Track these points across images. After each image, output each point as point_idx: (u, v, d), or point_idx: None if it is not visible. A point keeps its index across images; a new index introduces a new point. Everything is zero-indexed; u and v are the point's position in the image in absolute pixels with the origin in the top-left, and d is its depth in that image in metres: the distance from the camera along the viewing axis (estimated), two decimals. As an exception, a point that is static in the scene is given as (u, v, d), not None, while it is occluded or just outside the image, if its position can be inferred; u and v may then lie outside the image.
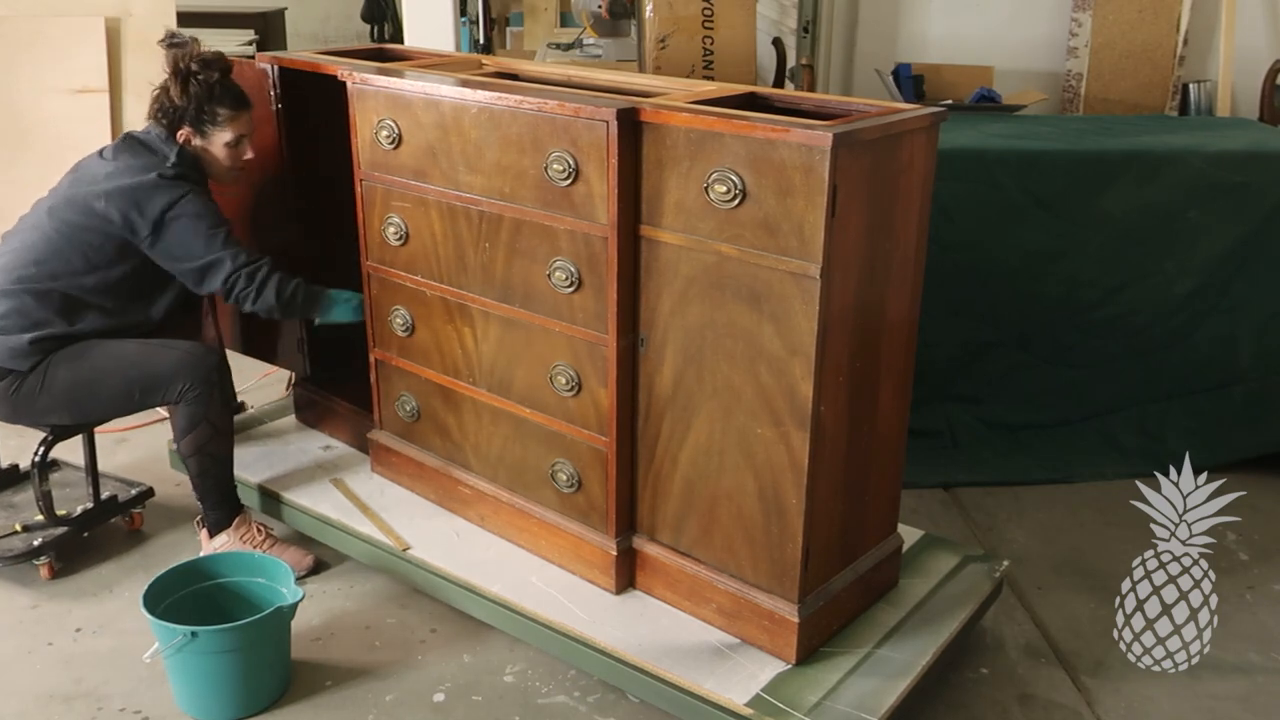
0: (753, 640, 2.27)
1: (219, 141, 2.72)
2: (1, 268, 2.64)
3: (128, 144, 2.71)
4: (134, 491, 3.02)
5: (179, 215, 2.61)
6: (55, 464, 3.14)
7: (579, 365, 2.35)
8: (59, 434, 2.74)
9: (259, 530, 2.81)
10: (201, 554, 2.77)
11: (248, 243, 3.16)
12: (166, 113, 2.70)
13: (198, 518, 2.87)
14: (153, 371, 2.63)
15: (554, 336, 2.38)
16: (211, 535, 2.80)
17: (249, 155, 2.80)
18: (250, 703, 2.35)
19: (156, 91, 2.72)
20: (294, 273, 2.75)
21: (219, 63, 2.72)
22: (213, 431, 2.68)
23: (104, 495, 2.94)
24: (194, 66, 2.67)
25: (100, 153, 2.73)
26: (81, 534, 2.89)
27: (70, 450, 2.96)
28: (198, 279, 2.66)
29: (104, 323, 2.66)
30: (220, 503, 2.78)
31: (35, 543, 2.78)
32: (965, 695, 2.43)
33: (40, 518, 2.85)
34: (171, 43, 2.71)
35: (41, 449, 2.74)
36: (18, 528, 2.84)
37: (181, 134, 2.70)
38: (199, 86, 2.67)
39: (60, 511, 2.85)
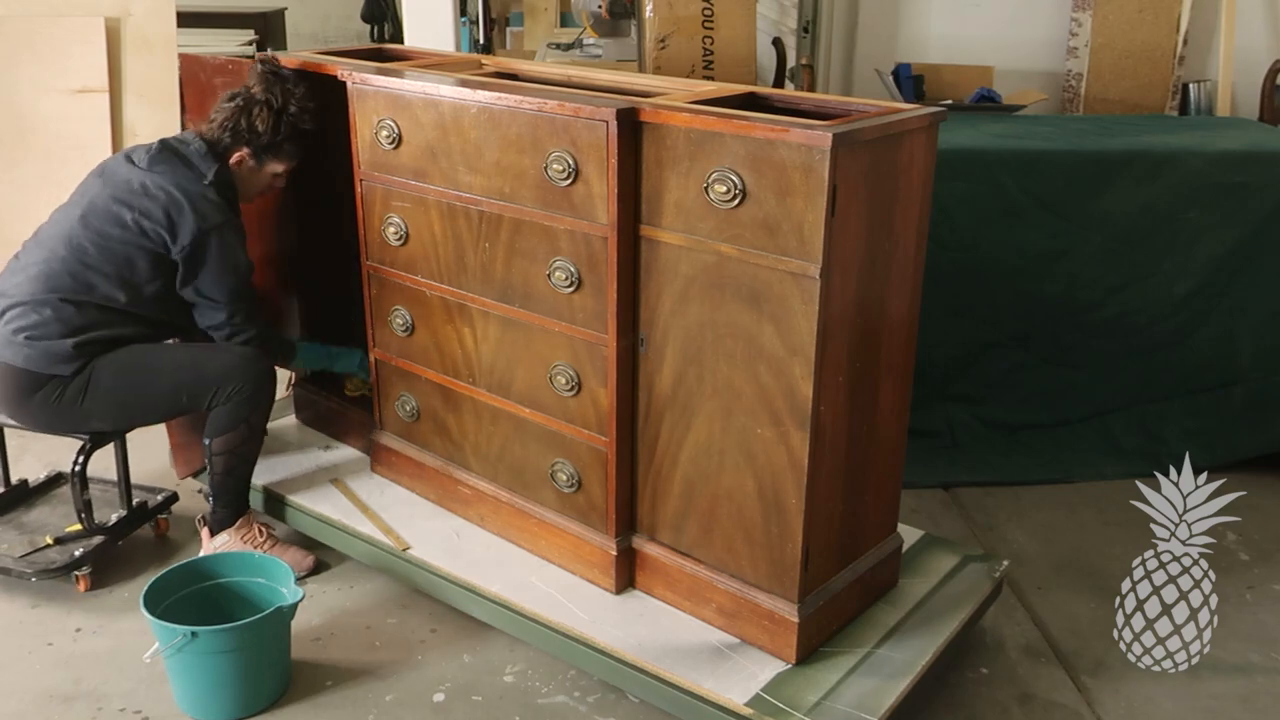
0: (753, 640, 2.27)
1: (270, 171, 2.76)
2: (35, 277, 2.57)
3: (164, 154, 2.65)
4: (160, 497, 3.00)
5: (212, 244, 2.59)
6: (60, 478, 3.12)
7: (579, 365, 2.35)
8: (97, 441, 2.69)
9: (260, 530, 2.81)
10: (202, 553, 2.78)
11: (250, 246, 3.17)
12: (235, 133, 2.66)
13: (199, 516, 2.87)
14: (204, 374, 2.62)
15: (554, 336, 2.38)
16: (213, 534, 2.79)
17: (280, 187, 2.86)
18: (250, 703, 2.35)
19: (230, 108, 2.67)
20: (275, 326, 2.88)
21: (308, 110, 2.72)
22: (249, 433, 2.69)
23: (134, 502, 2.91)
24: (293, 108, 2.68)
25: (130, 158, 2.66)
26: (116, 543, 2.86)
27: (65, 463, 2.94)
28: (195, 307, 2.67)
29: (146, 330, 2.65)
30: (232, 501, 2.78)
31: (76, 553, 2.74)
32: (965, 695, 2.43)
33: (73, 528, 2.82)
34: (274, 70, 2.70)
35: (80, 457, 2.68)
36: (49, 540, 2.80)
37: (236, 155, 2.68)
38: (288, 127, 2.69)
39: (96, 522, 2.81)
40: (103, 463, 3.25)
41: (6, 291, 2.61)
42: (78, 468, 2.68)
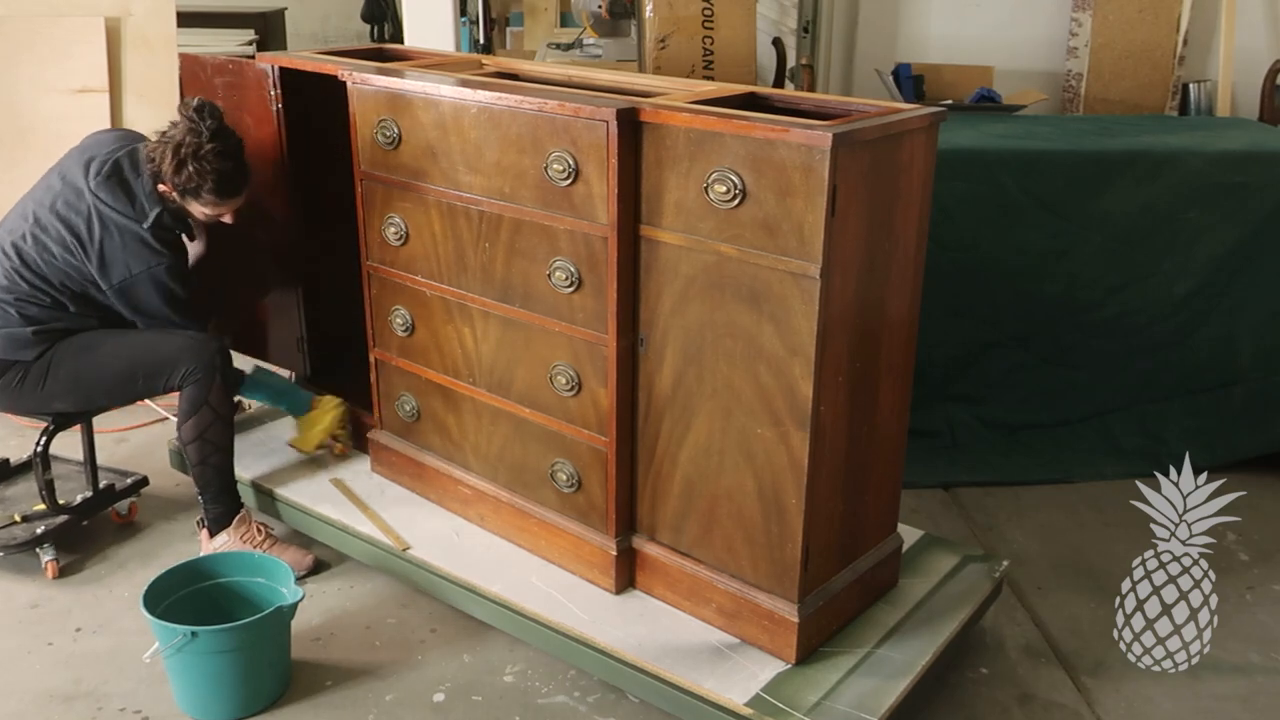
0: (753, 640, 2.27)
1: (195, 209, 2.66)
2: None
3: (113, 182, 2.63)
4: (129, 480, 3.04)
5: (145, 281, 2.63)
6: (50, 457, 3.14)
7: (579, 365, 2.35)
8: (60, 423, 2.77)
9: (259, 530, 2.80)
10: (201, 554, 2.77)
11: (251, 245, 3.17)
12: (156, 169, 2.60)
13: (198, 518, 2.87)
14: (156, 356, 2.67)
15: (554, 336, 2.38)
16: (212, 534, 2.80)
17: (227, 221, 2.73)
18: (250, 703, 2.35)
19: (158, 142, 2.61)
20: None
21: (226, 156, 2.59)
22: (214, 416, 2.69)
23: (102, 484, 2.96)
24: (191, 164, 2.55)
25: (88, 166, 2.65)
26: (81, 523, 2.92)
27: (63, 445, 2.97)
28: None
29: (107, 322, 2.71)
30: (220, 495, 2.77)
31: (38, 531, 2.80)
32: (965, 695, 2.43)
33: (39, 507, 2.86)
34: (190, 115, 2.58)
35: (43, 439, 2.77)
36: (16, 517, 2.85)
37: (163, 187, 2.62)
38: (191, 175, 2.56)
39: (59, 501, 2.87)
40: (105, 452, 3.25)
41: None
42: (39, 448, 2.77)
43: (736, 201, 2.03)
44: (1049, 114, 4.67)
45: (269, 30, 6.73)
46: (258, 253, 3.13)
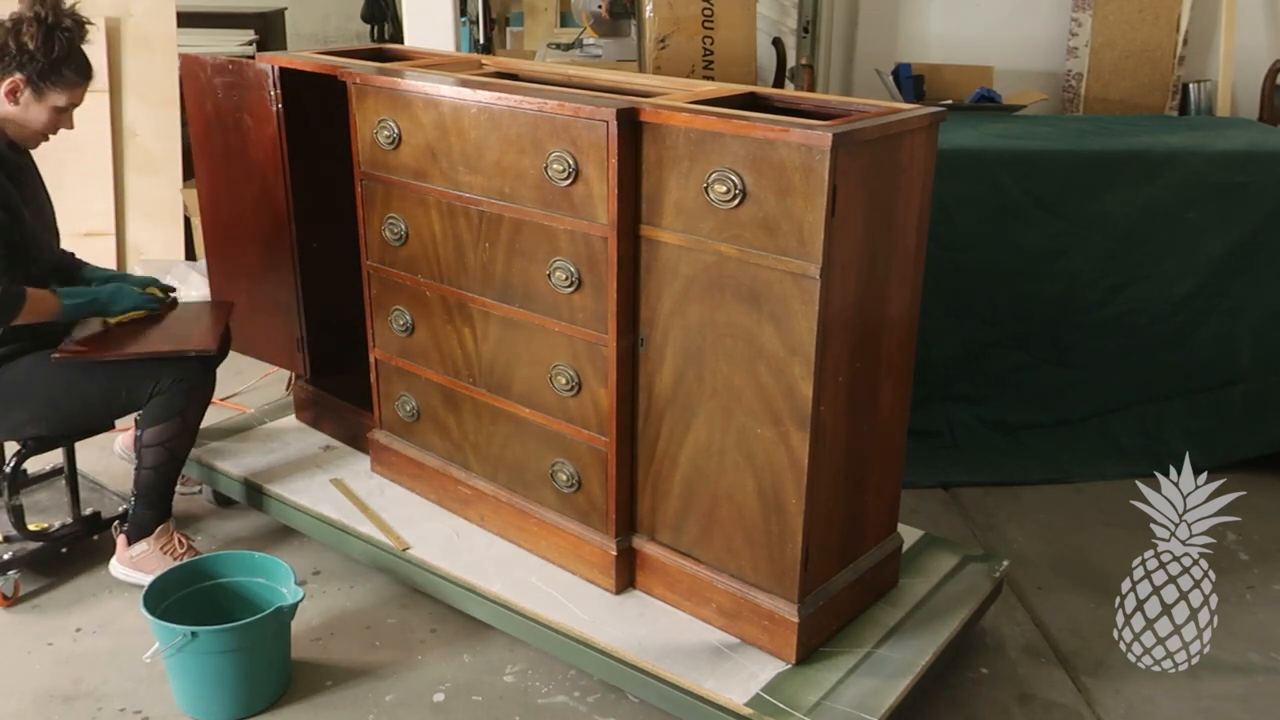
0: (753, 640, 2.27)
1: (50, 103, 2.53)
2: None
3: None
4: (122, 508, 2.87)
5: None
6: (56, 472, 3.08)
7: (579, 365, 2.35)
8: (33, 447, 2.65)
9: (180, 541, 2.73)
10: (116, 562, 2.74)
11: (250, 245, 3.17)
12: (6, 55, 2.45)
13: (114, 524, 2.80)
14: (145, 364, 2.57)
15: (554, 336, 2.38)
16: (130, 542, 2.72)
17: (70, 128, 2.62)
18: (250, 703, 2.35)
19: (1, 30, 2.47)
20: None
21: (84, 25, 2.54)
22: (183, 427, 2.63)
23: (86, 511, 2.85)
24: (65, 21, 2.48)
25: None
26: (58, 550, 2.80)
27: (88, 458, 2.91)
28: None
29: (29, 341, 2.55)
30: (155, 503, 2.70)
31: (5, 556, 2.69)
32: (965, 695, 2.43)
33: (41, 526, 2.79)
34: None
35: (14, 460, 2.63)
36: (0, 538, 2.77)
37: (9, 83, 2.47)
38: (61, 43, 2.46)
39: (42, 525, 2.79)
40: (102, 463, 3.26)
41: None
42: (7, 469, 2.63)
43: (736, 201, 2.03)
44: (1049, 114, 4.67)
45: (269, 30, 6.72)
46: (258, 253, 3.14)
